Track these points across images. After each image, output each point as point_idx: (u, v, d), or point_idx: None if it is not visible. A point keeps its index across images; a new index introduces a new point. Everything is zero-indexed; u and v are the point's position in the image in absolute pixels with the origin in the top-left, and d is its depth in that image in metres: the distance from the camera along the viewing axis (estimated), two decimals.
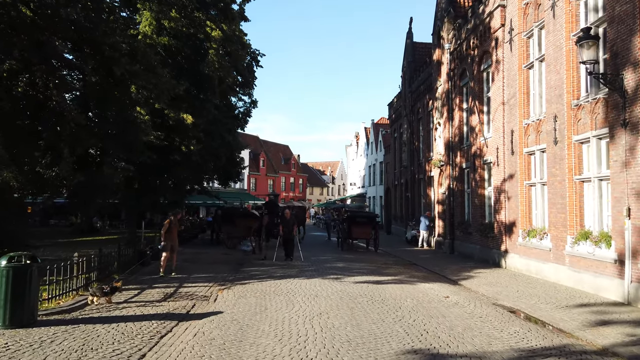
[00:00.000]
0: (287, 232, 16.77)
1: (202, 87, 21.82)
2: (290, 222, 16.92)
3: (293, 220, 17.10)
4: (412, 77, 28.61)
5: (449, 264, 16.59)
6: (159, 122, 20.34)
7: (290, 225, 16.87)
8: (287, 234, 16.77)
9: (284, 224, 16.96)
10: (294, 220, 17.18)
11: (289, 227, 16.81)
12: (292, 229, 16.90)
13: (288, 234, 16.77)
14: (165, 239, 13.19)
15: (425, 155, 25.95)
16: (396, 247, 23.84)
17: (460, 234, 19.96)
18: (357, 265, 15.86)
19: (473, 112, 18.57)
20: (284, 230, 16.86)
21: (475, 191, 18.24)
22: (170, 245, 13.24)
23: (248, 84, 26.41)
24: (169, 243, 13.22)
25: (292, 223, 16.95)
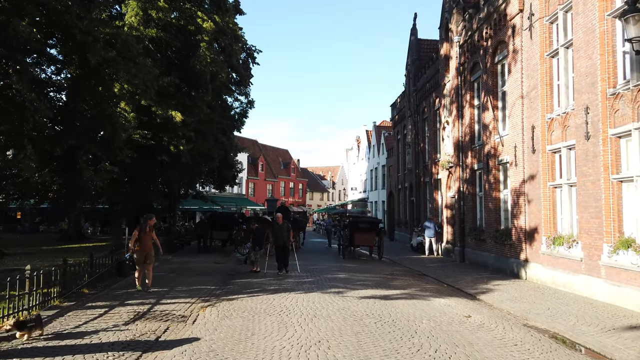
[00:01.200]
0: (279, 240, 14.53)
1: (193, 84, 20.35)
2: (284, 228, 14.66)
3: (287, 226, 14.81)
4: (417, 75, 27.15)
5: (462, 275, 15.04)
6: (146, 120, 18.87)
7: (283, 232, 14.65)
8: (281, 242, 14.50)
9: (275, 231, 14.81)
10: (287, 226, 14.86)
11: (282, 234, 14.63)
12: (286, 236, 14.61)
13: (282, 242, 14.49)
14: (138, 249, 11.29)
15: (431, 157, 24.44)
16: (401, 255, 22.27)
17: (471, 240, 18.40)
18: (360, 276, 14.30)
19: (486, 109, 17.07)
20: (275, 238, 14.69)
21: (489, 194, 16.71)
22: (144, 257, 11.33)
23: (244, 82, 24.94)
24: (142, 254, 11.29)
25: (286, 229, 14.68)
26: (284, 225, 14.72)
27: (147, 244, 11.42)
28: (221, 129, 23.89)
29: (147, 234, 11.47)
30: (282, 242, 14.46)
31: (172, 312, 8.77)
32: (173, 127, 18.63)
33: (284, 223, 14.77)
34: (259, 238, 14.60)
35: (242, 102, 30.46)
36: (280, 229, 14.67)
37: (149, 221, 11.60)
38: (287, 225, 14.90)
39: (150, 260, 11.56)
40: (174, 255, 20.16)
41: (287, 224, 14.99)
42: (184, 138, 18.90)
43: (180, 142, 18.70)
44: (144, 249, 11.35)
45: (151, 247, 11.55)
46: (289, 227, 14.86)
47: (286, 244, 14.53)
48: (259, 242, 14.58)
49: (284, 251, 14.47)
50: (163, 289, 11.48)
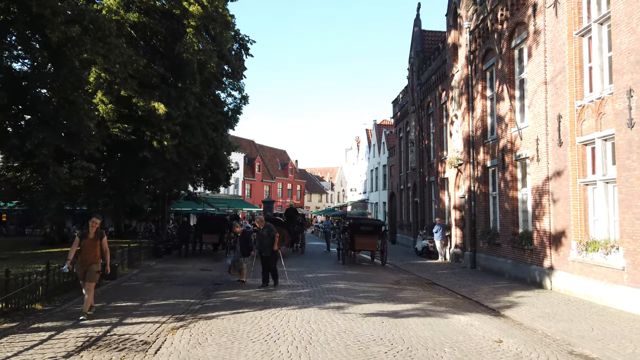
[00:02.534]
0: (263, 247, 12.08)
1: (179, 74, 18.70)
2: (268, 232, 12.11)
3: (268, 232, 12.10)
4: (421, 68, 25.51)
5: (477, 284, 13.37)
6: (126, 112, 17.26)
7: (263, 238, 12.08)
8: (265, 250, 12.04)
9: (259, 237, 12.32)
10: (269, 231, 12.12)
11: (262, 240, 12.10)
12: (267, 243, 12.01)
13: (266, 250, 12.02)
14: (80, 262, 8.59)
15: (437, 155, 22.79)
16: (405, 260, 20.59)
17: (484, 245, 16.74)
18: (363, 286, 12.61)
19: (501, 99, 15.43)
20: (260, 245, 12.21)
21: (505, 193, 15.06)
22: (84, 271, 8.51)
23: (236, 74, 23.31)
24: (83, 267, 8.52)
25: (267, 235, 12.06)
26: (263, 231, 12.17)
27: (89, 255, 8.57)
28: (211, 124, 22.25)
29: (91, 241, 8.61)
30: (268, 251, 12.05)
31: (132, 337, 7.09)
32: (156, 121, 17.02)
33: (264, 228, 12.21)
34: (245, 243, 12.66)
35: (236, 97, 28.91)
36: (260, 234, 12.26)
37: (92, 223, 8.73)
38: (269, 231, 12.16)
39: (92, 278, 8.55)
40: (157, 262, 18.46)
41: (270, 229, 12.21)
42: (168, 133, 17.28)
43: (164, 137, 17.08)
44: (85, 261, 8.53)
45: (95, 258, 8.64)
46: (271, 233, 12.10)
47: (269, 252, 12.03)
48: (246, 248, 12.64)
49: (267, 261, 12.09)
50: (132, 304, 9.80)
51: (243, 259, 12.63)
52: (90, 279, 8.56)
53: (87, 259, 8.57)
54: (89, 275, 8.56)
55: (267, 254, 12.06)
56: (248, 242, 12.61)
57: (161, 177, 17.79)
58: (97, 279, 8.80)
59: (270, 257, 12.06)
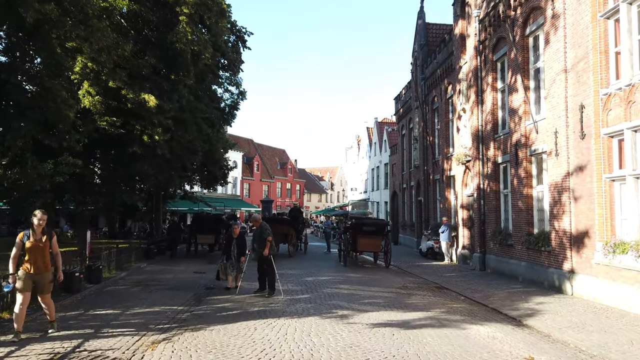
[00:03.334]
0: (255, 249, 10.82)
1: (172, 65, 17.69)
2: (261, 233, 10.62)
3: (263, 231, 10.57)
4: (426, 61, 24.55)
5: (490, 288, 12.40)
6: (115, 105, 16.24)
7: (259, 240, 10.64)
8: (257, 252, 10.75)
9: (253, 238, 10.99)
10: (264, 230, 10.59)
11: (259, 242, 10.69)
12: (262, 245, 10.56)
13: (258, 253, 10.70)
14: (28, 269, 6.80)
15: (443, 152, 21.82)
16: (410, 262, 19.62)
17: (494, 246, 15.77)
18: (368, 291, 11.63)
19: (514, 90, 14.46)
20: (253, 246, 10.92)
21: (519, 191, 14.09)
22: (36, 281, 6.89)
23: (233, 67, 22.30)
24: (28, 279, 6.79)
25: (263, 235, 10.55)
26: (257, 231, 10.74)
27: (38, 261, 6.87)
28: (207, 119, 21.27)
29: (37, 244, 6.86)
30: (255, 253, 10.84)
31: (105, 354, 6.11)
32: (147, 114, 16.02)
33: (258, 228, 10.76)
34: (240, 245, 11.56)
35: (233, 93, 27.92)
36: (254, 235, 10.92)
37: (36, 220, 6.83)
38: (262, 231, 10.58)
39: (44, 289, 7.01)
40: (149, 263, 17.48)
41: (263, 230, 10.62)
42: (159, 127, 16.28)
43: (155, 131, 16.07)
44: (35, 269, 6.82)
45: (47, 265, 7.04)
46: (263, 234, 10.54)
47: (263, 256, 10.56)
48: (240, 251, 11.50)
49: (267, 265, 10.71)
50: (113, 312, 8.81)
51: (235, 263, 11.47)
52: (43, 291, 7.01)
53: (37, 267, 6.85)
54: (41, 287, 6.97)
55: (257, 257, 10.80)
56: (243, 244, 11.56)
57: (152, 173, 16.76)
58: (51, 290, 7.19)
59: (261, 260, 10.73)
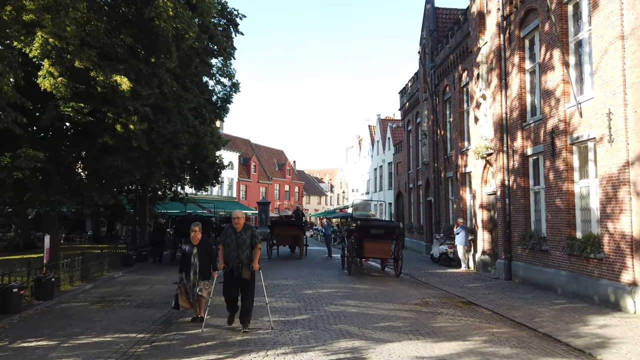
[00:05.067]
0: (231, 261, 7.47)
1: (152, 46, 15.48)
2: (251, 238, 7.56)
3: (253, 237, 7.59)
4: (435, 48, 22.41)
5: (528, 303, 10.20)
6: (82, 89, 14.06)
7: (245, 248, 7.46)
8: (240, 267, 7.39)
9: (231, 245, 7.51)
10: (253, 235, 7.60)
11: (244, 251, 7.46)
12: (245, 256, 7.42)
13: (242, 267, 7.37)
14: None
15: (456, 146, 19.64)
16: (422, 269, 17.41)
17: (523, 251, 13.59)
18: (381, 309, 9.43)
19: (549, 69, 12.29)
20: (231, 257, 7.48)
21: (556, 187, 11.91)
22: None
23: (223, 53, 20.11)
24: None
25: (243, 243, 7.45)
26: (241, 236, 7.49)
27: None
28: (194, 110, 19.09)
29: None
30: (236, 266, 7.38)
31: None
32: (120, 100, 13.82)
33: (243, 231, 7.54)
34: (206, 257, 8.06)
35: (226, 85, 25.83)
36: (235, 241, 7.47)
37: None
38: (252, 236, 7.57)
39: None
40: (125, 272, 15.27)
41: (252, 234, 7.61)
42: (135, 114, 14.08)
43: (130, 119, 13.86)
44: None
45: None
46: (254, 240, 7.56)
47: (246, 272, 7.33)
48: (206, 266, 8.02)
49: (240, 285, 7.42)
50: (47, 343, 6.61)
51: (202, 282, 7.93)
52: None
53: None
54: None
55: (241, 273, 7.27)
56: (210, 256, 8.11)
57: (128, 168, 14.52)
58: None
59: (246, 280, 7.35)
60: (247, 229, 7.65)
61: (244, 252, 7.47)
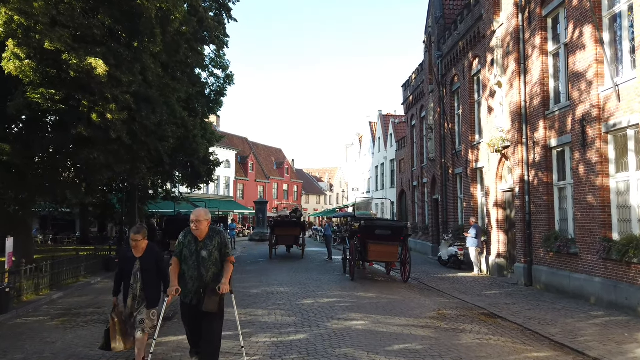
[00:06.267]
0: (190, 282, 5.05)
1: (134, 29, 14.07)
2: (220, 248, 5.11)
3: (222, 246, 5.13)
4: (442, 36, 21.00)
5: (561, 316, 8.79)
6: (54, 73, 12.63)
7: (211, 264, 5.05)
8: (200, 292, 5.00)
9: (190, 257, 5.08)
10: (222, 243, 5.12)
11: (209, 269, 5.05)
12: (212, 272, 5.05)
13: (205, 293, 4.94)
14: None
15: (466, 140, 18.22)
16: (431, 273, 15.99)
17: (546, 254, 12.18)
18: (393, 324, 7.99)
19: (578, 49, 10.88)
20: (192, 277, 5.05)
21: (587, 182, 10.50)
22: None
23: (215, 40, 18.69)
24: None
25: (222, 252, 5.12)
26: (204, 249, 5.06)
27: None
28: (183, 101, 17.70)
29: None
30: (196, 292, 5.02)
31: None
32: (97, 86, 12.37)
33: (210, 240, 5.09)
34: (153, 276, 5.67)
35: (219, 77, 24.46)
36: (197, 256, 5.05)
37: None
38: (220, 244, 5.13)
39: None
40: (104, 277, 13.83)
41: (220, 241, 5.14)
42: (114, 102, 12.64)
43: (107, 108, 12.42)
44: None
45: None
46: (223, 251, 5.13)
47: (211, 303, 4.86)
48: (154, 289, 5.69)
49: (202, 318, 4.99)
50: None
51: (145, 312, 5.54)
52: None
53: None
54: None
55: (202, 302, 4.88)
56: (159, 274, 5.66)
57: (106, 163, 13.05)
58: None
59: (211, 313, 4.88)
60: (214, 236, 5.08)
61: (208, 270, 5.00)
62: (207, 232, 5.10)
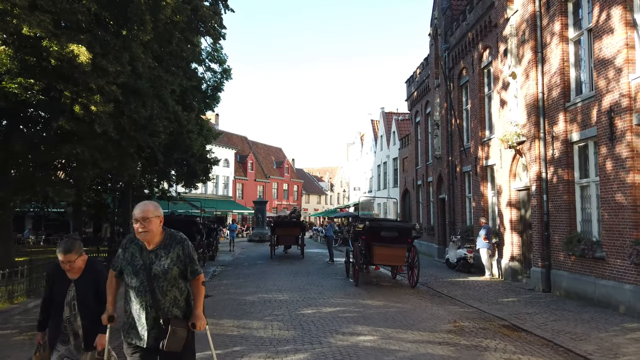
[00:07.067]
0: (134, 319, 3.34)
1: (121, 16, 13.14)
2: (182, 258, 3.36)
3: (170, 266, 3.31)
4: (450, 28, 20.05)
5: (593, 329, 7.84)
6: (33, 61, 11.69)
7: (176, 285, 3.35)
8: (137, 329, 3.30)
9: (80, 287, 3.88)
10: (170, 262, 3.32)
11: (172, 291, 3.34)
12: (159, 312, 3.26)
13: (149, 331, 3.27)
14: None
15: (476, 136, 17.26)
16: (439, 277, 15.06)
17: (567, 258, 11.23)
18: (405, 340, 7.05)
19: (604, 33, 9.93)
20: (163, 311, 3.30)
21: (616, 179, 9.56)
22: None
23: (210, 31, 17.72)
24: None
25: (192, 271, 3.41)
26: (157, 262, 3.30)
27: None
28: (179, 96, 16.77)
29: None
30: (151, 324, 3.27)
31: None
32: (80, 75, 11.43)
33: (165, 249, 3.34)
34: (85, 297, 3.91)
35: (216, 71, 23.50)
36: (147, 271, 3.29)
37: None
38: (180, 257, 3.35)
39: None
40: None
41: (182, 252, 3.36)
42: (99, 93, 11.69)
43: (91, 99, 11.47)
44: None
45: None
46: (187, 265, 3.37)
47: (170, 333, 3.18)
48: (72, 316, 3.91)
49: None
50: None
51: (85, 355, 3.91)
52: None
53: None
54: None
55: (159, 338, 3.23)
56: (95, 297, 3.87)
57: (91, 159, 12.10)
58: None
59: (174, 352, 3.24)
60: (173, 245, 3.37)
61: (165, 293, 3.29)
62: (162, 237, 3.33)
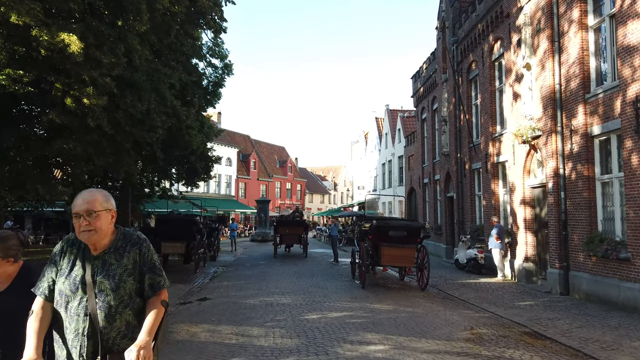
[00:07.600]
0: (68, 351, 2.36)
1: (118, 7, 12.55)
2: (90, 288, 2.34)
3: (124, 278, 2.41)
4: (458, 20, 19.40)
5: (623, 336, 7.20)
6: (22, 51, 11.12)
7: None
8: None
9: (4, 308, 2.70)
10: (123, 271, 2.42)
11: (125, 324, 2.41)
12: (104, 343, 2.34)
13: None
14: None
15: (487, 132, 16.60)
16: (449, 279, 14.42)
17: (587, 259, 10.57)
18: (420, 351, 6.42)
19: (629, 18, 9.27)
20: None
21: None
22: None
23: (210, 24, 17.10)
24: None
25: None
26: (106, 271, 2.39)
27: None
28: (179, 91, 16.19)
29: None
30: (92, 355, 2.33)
31: None
32: (72, 66, 10.83)
33: (116, 254, 2.44)
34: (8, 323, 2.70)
35: (217, 67, 22.92)
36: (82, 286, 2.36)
37: None
38: (136, 265, 2.46)
39: None
40: None
41: (137, 259, 2.46)
42: (92, 86, 11.09)
43: (83, 91, 10.87)
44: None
45: None
46: (145, 276, 2.47)
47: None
48: None
49: None
50: None
51: None
52: None
53: None
54: None
55: None
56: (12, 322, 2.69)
57: (83, 155, 11.51)
58: None
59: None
60: (127, 248, 2.48)
61: (114, 317, 2.38)
62: (113, 238, 2.48)
